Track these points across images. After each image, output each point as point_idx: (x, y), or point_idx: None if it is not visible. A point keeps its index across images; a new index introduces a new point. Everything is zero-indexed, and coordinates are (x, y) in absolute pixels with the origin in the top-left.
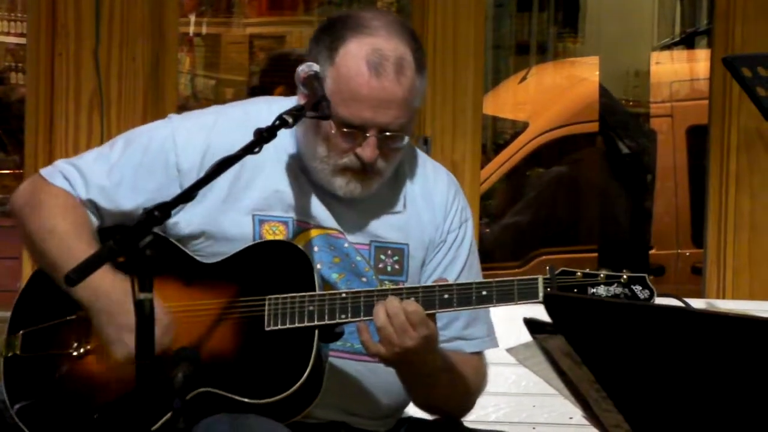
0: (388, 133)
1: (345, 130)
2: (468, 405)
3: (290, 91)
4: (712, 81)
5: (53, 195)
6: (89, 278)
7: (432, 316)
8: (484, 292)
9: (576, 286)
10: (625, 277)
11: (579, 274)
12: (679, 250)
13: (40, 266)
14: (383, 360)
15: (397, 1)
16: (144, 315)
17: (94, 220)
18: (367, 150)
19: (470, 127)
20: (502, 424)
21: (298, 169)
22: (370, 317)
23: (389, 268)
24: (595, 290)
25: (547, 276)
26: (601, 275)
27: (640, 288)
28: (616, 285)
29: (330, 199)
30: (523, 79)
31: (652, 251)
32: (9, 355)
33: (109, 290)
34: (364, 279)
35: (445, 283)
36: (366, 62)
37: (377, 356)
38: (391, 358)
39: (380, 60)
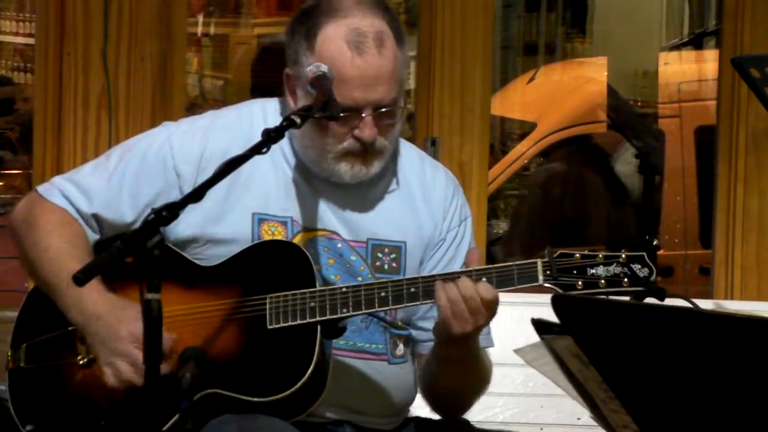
0: (383, 110)
1: (340, 114)
2: (479, 397)
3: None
4: (720, 82)
5: (49, 213)
6: (81, 301)
7: None
8: (484, 279)
9: (575, 267)
10: (623, 256)
11: (577, 255)
12: (687, 251)
13: (36, 284)
14: (451, 336)
15: (405, 1)
16: (152, 315)
17: (93, 235)
18: (366, 130)
19: (478, 127)
20: (510, 425)
21: (294, 168)
22: (371, 310)
23: (386, 266)
24: (594, 270)
25: (546, 259)
26: (600, 255)
27: (639, 266)
28: (615, 264)
29: (326, 198)
30: (532, 79)
31: (660, 252)
32: (13, 367)
33: (101, 313)
34: (359, 278)
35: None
36: (346, 42)
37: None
38: (459, 334)
39: (360, 38)
